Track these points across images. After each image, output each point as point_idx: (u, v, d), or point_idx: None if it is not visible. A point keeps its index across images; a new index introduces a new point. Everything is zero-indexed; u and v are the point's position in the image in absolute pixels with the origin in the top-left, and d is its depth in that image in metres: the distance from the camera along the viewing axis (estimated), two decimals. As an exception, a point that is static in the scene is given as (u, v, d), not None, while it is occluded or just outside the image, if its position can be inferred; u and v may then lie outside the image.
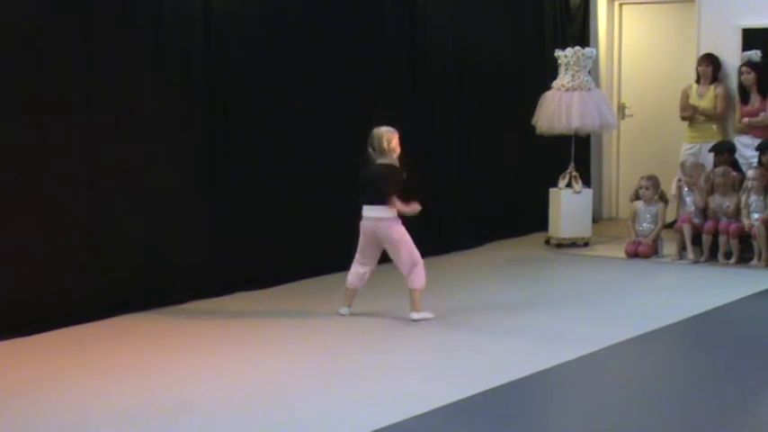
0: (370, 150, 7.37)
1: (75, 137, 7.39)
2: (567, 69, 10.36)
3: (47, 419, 5.42)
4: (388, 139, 7.34)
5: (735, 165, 9.97)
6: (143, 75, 7.78)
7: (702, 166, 10.02)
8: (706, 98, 10.67)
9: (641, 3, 12.14)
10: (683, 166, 10.00)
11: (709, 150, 10.19)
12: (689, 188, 9.84)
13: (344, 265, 7.68)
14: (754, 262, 9.38)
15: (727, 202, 9.60)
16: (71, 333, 7.10)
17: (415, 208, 7.50)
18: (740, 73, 10.43)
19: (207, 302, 7.99)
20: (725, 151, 10.01)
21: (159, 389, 5.92)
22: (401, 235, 7.40)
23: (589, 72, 10.44)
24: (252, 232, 8.51)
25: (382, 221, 7.35)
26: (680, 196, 9.88)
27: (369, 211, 7.37)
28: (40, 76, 7.15)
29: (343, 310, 7.54)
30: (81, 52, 7.38)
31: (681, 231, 9.67)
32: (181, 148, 8.04)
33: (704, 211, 9.72)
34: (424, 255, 9.65)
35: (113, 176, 7.61)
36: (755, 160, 9.84)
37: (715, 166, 9.98)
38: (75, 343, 6.89)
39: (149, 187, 7.83)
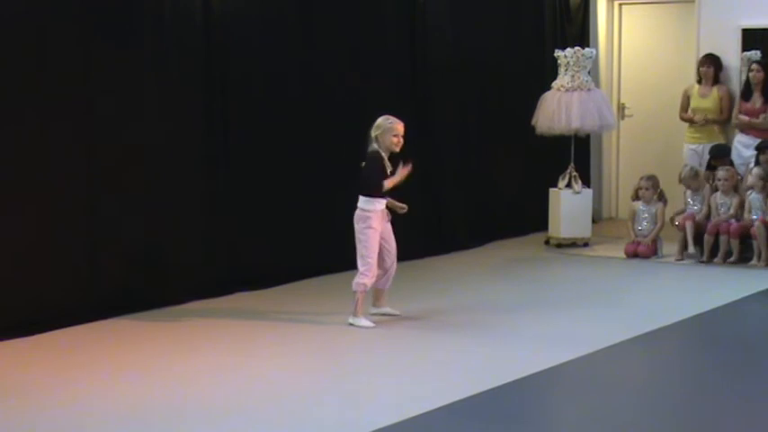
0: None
1: (75, 137, 7.39)
2: (566, 70, 10.36)
3: (47, 420, 5.41)
4: (377, 125, 7.30)
5: (731, 166, 9.95)
6: (143, 74, 7.78)
7: (696, 172, 9.95)
8: (709, 99, 10.64)
9: (641, 3, 12.14)
10: (680, 178, 9.98)
11: (709, 152, 10.18)
12: (693, 193, 9.86)
13: (344, 266, 7.67)
14: (754, 262, 9.38)
15: (729, 202, 9.59)
16: (70, 334, 7.10)
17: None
18: (750, 69, 10.38)
19: (207, 302, 7.99)
20: (724, 156, 10.00)
21: (159, 389, 5.91)
22: (358, 229, 7.31)
23: (589, 72, 10.44)
24: (252, 232, 8.50)
25: (357, 211, 7.33)
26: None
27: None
28: (39, 76, 7.15)
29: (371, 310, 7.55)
30: (81, 52, 7.38)
31: (683, 229, 9.67)
32: (181, 148, 8.04)
33: (708, 214, 9.71)
34: (424, 255, 9.78)
35: (113, 176, 7.61)
36: (753, 161, 9.84)
37: (709, 167, 9.99)
38: (75, 343, 6.89)
39: (149, 187, 7.82)
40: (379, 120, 7.32)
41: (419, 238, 9.78)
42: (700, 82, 10.75)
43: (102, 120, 7.53)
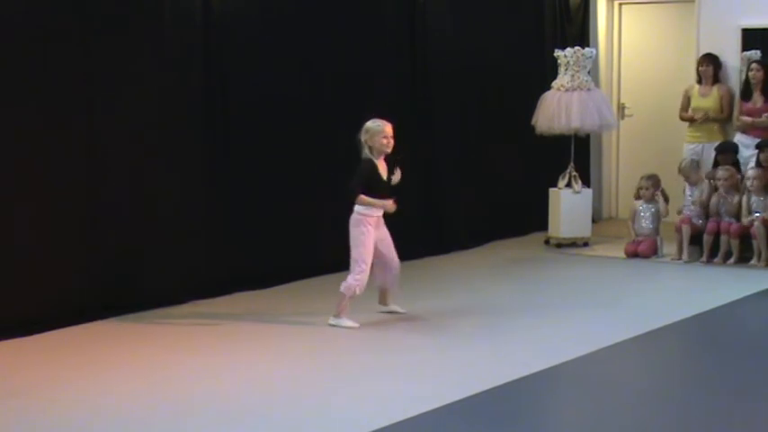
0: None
1: (75, 137, 7.39)
2: (566, 69, 10.36)
3: (47, 420, 5.42)
4: (365, 129, 7.30)
5: (736, 165, 9.95)
6: (143, 75, 7.78)
7: (698, 164, 9.97)
8: (709, 98, 10.63)
9: (641, 3, 12.14)
10: (679, 168, 9.98)
11: (715, 149, 10.17)
12: (690, 186, 9.86)
13: (344, 266, 7.65)
14: (754, 262, 9.37)
15: (730, 201, 9.59)
16: (70, 334, 7.10)
17: (387, 204, 7.34)
18: (749, 69, 10.38)
19: (206, 302, 7.99)
20: (729, 152, 10.00)
21: (158, 389, 5.91)
22: (354, 234, 7.33)
23: (589, 72, 10.44)
24: (252, 232, 8.50)
25: (353, 214, 7.34)
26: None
27: None
28: (39, 77, 7.15)
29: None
30: (81, 52, 7.38)
31: (680, 231, 9.68)
32: (181, 149, 8.04)
33: (707, 209, 9.70)
34: (424, 255, 9.77)
35: (113, 177, 7.61)
36: (753, 161, 9.84)
37: (716, 165, 9.97)
38: (74, 344, 6.89)
39: (149, 187, 7.83)
40: (367, 123, 7.32)
41: (419, 238, 9.77)
42: (700, 82, 10.75)
43: (103, 120, 7.53)
